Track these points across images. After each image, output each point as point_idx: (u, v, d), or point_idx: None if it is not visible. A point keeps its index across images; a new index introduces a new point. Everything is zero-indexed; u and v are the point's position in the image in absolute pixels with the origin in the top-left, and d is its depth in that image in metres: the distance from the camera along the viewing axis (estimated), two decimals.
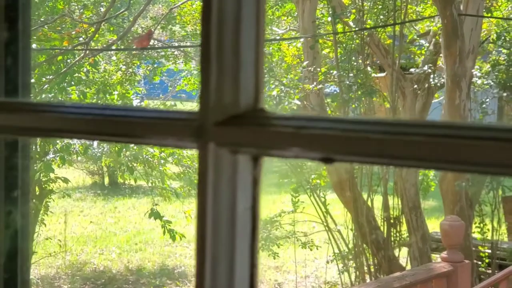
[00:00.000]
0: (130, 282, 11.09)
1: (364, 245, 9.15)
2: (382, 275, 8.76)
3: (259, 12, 0.71)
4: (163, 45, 12.87)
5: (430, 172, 9.82)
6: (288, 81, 9.23)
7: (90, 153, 11.03)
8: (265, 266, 11.34)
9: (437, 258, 7.93)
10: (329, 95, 9.73)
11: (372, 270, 9.18)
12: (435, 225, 8.49)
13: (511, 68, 9.17)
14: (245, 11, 0.71)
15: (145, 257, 12.11)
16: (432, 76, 9.10)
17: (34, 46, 8.73)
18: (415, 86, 9.03)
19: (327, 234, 9.60)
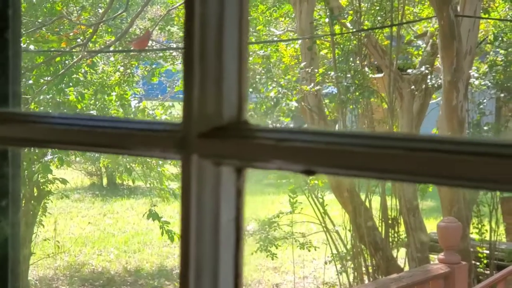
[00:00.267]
0: (128, 283, 11.09)
1: (362, 246, 9.16)
2: (380, 276, 8.77)
3: (241, 24, 0.71)
4: (161, 46, 12.87)
5: None
6: (286, 82, 9.25)
7: (88, 154, 11.04)
8: (264, 267, 11.36)
9: (435, 259, 7.94)
10: (327, 96, 9.74)
11: (370, 271, 9.19)
12: (434, 226, 8.49)
13: (508, 69, 9.18)
14: (228, 23, 0.71)
15: (143, 258, 12.12)
16: (429, 77, 9.10)
17: (32, 47, 8.74)
18: (413, 87, 9.03)
19: (325, 235, 9.60)
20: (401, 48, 9.62)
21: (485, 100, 9.45)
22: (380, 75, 9.91)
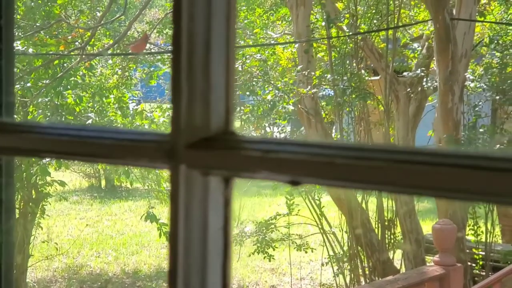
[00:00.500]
0: (127, 285, 11.12)
1: (359, 248, 9.19)
2: (376, 278, 8.81)
3: (229, 37, 0.73)
4: (159, 49, 12.90)
5: None
6: (283, 85, 9.27)
7: None
8: (261, 269, 11.39)
9: (432, 261, 7.97)
10: (324, 99, 9.76)
11: (366, 272, 9.22)
12: (430, 228, 8.53)
13: (504, 71, 9.21)
14: (215, 36, 0.72)
15: (141, 259, 12.14)
16: (425, 80, 9.14)
17: (30, 50, 8.78)
18: (409, 89, 9.07)
19: (322, 236, 9.64)
20: (397, 51, 9.65)
21: (480, 103, 9.48)
22: (377, 77, 9.95)
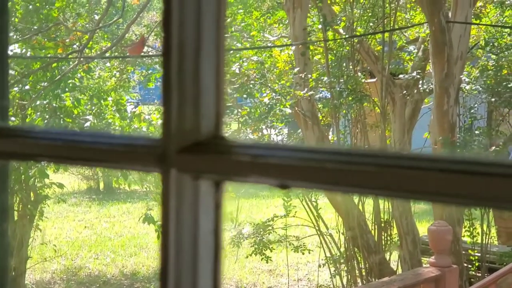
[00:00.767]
0: (125, 286, 11.17)
1: (356, 249, 9.24)
2: (373, 279, 8.85)
3: (219, 42, 0.75)
4: (157, 51, 12.96)
5: None
6: (280, 87, 9.32)
7: None
8: (258, 270, 11.44)
9: (427, 262, 8.02)
10: (320, 101, 9.81)
11: (363, 273, 9.27)
12: (426, 229, 8.57)
13: (499, 74, 9.26)
14: (205, 42, 0.74)
15: (139, 261, 12.18)
16: (421, 82, 9.19)
17: (28, 53, 8.83)
18: (405, 91, 9.12)
19: (319, 238, 9.68)
20: (393, 53, 9.71)
21: (476, 105, 9.53)
22: (373, 80, 10.00)
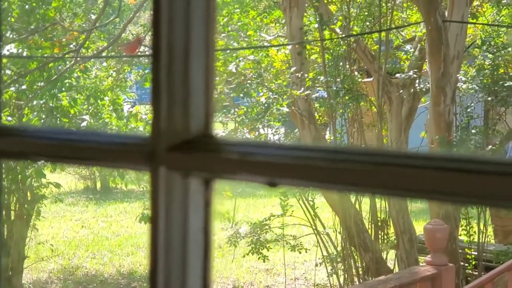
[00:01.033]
0: (122, 286, 11.17)
1: (352, 248, 9.25)
2: (370, 278, 8.87)
3: (208, 42, 0.75)
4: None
5: None
6: (276, 86, 9.33)
7: None
8: (256, 269, 11.45)
9: (424, 261, 8.04)
10: (317, 100, 9.82)
11: (360, 272, 9.28)
12: (423, 228, 8.59)
13: (496, 73, 9.26)
14: (194, 42, 0.74)
15: (136, 261, 12.19)
16: (417, 81, 9.20)
17: (25, 53, 8.84)
18: (401, 91, 9.13)
19: (316, 237, 9.70)
20: (390, 53, 9.71)
21: (472, 104, 9.54)
22: (369, 79, 10.01)
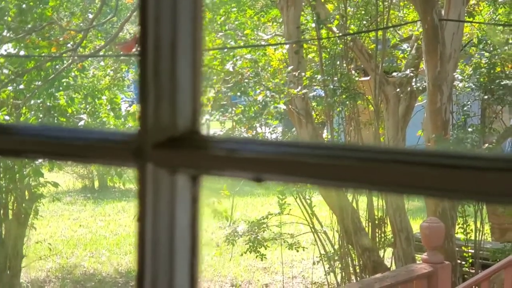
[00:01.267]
0: (120, 285, 11.18)
1: (350, 246, 9.27)
2: (367, 276, 8.88)
3: (195, 39, 0.75)
4: None
5: None
6: (274, 85, 9.34)
7: None
8: (253, 268, 11.47)
9: (420, 259, 8.05)
10: (314, 99, 9.83)
11: (357, 270, 9.30)
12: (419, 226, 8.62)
13: (492, 71, 9.29)
14: (181, 39, 0.75)
15: (134, 259, 12.18)
16: (414, 80, 9.22)
17: (22, 52, 8.84)
18: (398, 89, 9.14)
19: (313, 235, 9.71)
20: (387, 51, 9.73)
21: (469, 102, 9.56)
22: (366, 78, 10.03)
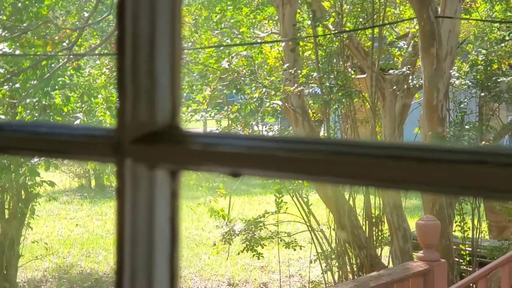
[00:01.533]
0: None
1: (347, 245, 9.25)
2: (364, 274, 8.86)
3: (174, 36, 0.75)
4: None
5: None
6: (270, 83, 9.32)
7: None
8: (251, 267, 11.45)
9: (416, 257, 8.04)
10: (311, 97, 9.81)
11: (354, 269, 9.28)
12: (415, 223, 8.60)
13: (489, 68, 9.28)
14: (160, 36, 0.74)
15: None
16: (411, 77, 9.20)
17: (17, 51, 8.81)
18: (395, 87, 9.13)
19: (310, 234, 9.69)
20: (383, 49, 9.71)
21: (466, 100, 9.54)
22: (363, 76, 10.01)
